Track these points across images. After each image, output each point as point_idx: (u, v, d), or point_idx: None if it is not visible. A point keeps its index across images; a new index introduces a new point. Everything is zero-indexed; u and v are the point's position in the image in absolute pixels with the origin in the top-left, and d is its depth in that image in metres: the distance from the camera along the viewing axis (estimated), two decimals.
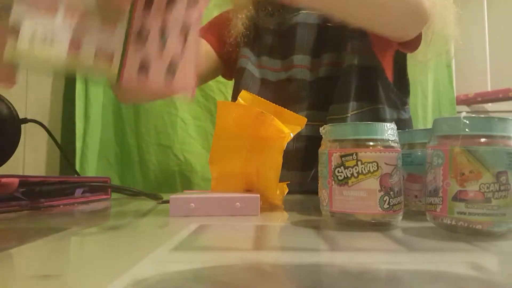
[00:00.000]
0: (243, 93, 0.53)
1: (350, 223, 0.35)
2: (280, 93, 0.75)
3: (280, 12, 0.80)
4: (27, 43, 0.32)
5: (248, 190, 0.51)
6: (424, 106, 1.18)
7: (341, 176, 0.34)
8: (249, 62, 0.79)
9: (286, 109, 0.51)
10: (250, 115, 0.48)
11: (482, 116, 0.31)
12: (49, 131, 0.73)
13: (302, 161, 0.72)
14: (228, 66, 0.85)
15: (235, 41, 0.80)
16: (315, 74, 0.74)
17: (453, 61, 1.27)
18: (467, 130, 0.30)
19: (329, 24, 0.76)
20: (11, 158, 0.63)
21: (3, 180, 0.44)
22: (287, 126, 0.48)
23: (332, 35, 0.76)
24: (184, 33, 0.38)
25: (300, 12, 0.78)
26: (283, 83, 0.76)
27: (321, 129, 0.38)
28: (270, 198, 0.49)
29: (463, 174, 0.30)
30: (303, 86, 0.74)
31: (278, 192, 0.49)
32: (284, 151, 0.46)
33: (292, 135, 0.47)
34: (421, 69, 1.15)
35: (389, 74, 0.77)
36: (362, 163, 0.33)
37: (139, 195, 0.64)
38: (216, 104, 0.49)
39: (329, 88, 0.71)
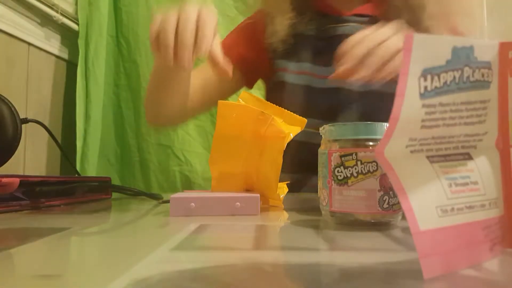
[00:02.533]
0: (243, 94, 0.53)
1: (350, 223, 0.35)
2: (327, 100, 0.73)
3: (321, 19, 0.79)
4: None
5: (248, 190, 0.51)
6: None
7: (340, 176, 0.34)
8: (289, 75, 0.77)
9: (286, 110, 0.51)
10: (251, 115, 0.48)
11: None
12: (50, 131, 0.73)
13: None
14: (254, 74, 0.83)
15: (271, 49, 0.79)
16: (367, 86, 0.72)
17: None
18: None
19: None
20: (12, 158, 0.63)
21: (4, 180, 0.44)
22: (287, 127, 0.48)
23: None
24: None
25: (348, 24, 0.77)
26: (331, 91, 0.73)
27: (321, 129, 0.38)
28: (270, 198, 0.49)
29: None
30: (353, 96, 0.72)
31: (278, 192, 0.49)
32: None
33: (292, 136, 0.47)
34: None
35: None
36: (361, 163, 0.33)
37: (139, 195, 0.64)
38: (216, 104, 0.49)
39: (378, 102, 0.66)
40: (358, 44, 0.50)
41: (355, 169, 0.34)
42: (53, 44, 0.97)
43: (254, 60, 0.81)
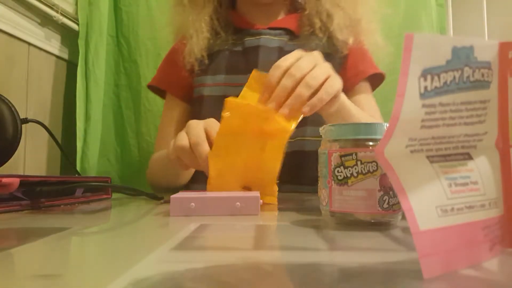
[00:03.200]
0: (254, 73, 0.54)
1: (350, 223, 0.35)
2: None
3: (238, 34, 0.84)
4: None
5: (246, 188, 0.51)
6: None
7: (340, 176, 0.34)
8: (206, 88, 0.81)
9: None
10: (256, 114, 0.48)
11: None
12: (50, 131, 0.73)
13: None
14: (188, 95, 0.87)
15: (189, 68, 0.83)
16: None
17: None
18: None
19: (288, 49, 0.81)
20: (12, 158, 0.63)
21: (4, 180, 0.44)
22: (289, 121, 0.48)
23: None
24: None
25: (262, 36, 0.82)
26: None
27: (320, 129, 0.38)
28: (266, 195, 0.49)
29: None
30: None
31: (274, 188, 0.49)
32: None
33: (293, 127, 0.48)
34: None
35: None
36: (361, 163, 0.33)
37: (139, 194, 0.64)
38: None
39: None
40: (286, 76, 0.51)
41: (355, 169, 0.34)
42: (53, 44, 0.97)
43: (181, 82, 0.85)
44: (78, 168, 0.96)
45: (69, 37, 1.01)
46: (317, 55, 0.55)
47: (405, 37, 0.19)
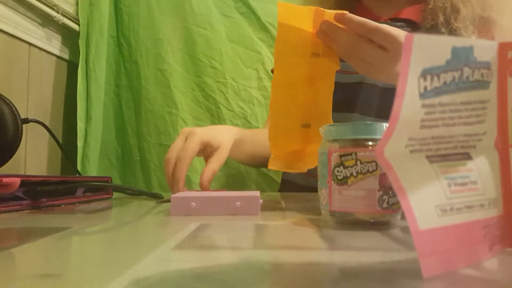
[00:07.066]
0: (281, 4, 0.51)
1: (350, 222, 0.35)
2: (349, 96, 0.77)
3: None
4: None
5: (306, 125, 0.53)
6: None
7: (340, 175, 0.34)
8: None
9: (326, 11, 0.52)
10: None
11: None
12: (51, 131, 0.74)
13: None
14: None
15: None
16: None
17: None
18: None
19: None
20: (13, 158, 0.63)
21: (5, 179, 0.44)
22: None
23: None
24: None
25: None
26: (354, 85, 0.78)
27: (320, 129, 0.38)
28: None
29: None
30: (374, 91, 0.76)
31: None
32: None
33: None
34: None
35: None
36: (361, 163, 0.33)
37: (140, 194, 0.64)
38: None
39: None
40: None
41: (355, 168, 0.34)
42: (54, 45, 0.97)
43: None
44: (78, 168, 0.96)
45: (69, 37, 1.02)
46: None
47: (405, 37, 0.19)
